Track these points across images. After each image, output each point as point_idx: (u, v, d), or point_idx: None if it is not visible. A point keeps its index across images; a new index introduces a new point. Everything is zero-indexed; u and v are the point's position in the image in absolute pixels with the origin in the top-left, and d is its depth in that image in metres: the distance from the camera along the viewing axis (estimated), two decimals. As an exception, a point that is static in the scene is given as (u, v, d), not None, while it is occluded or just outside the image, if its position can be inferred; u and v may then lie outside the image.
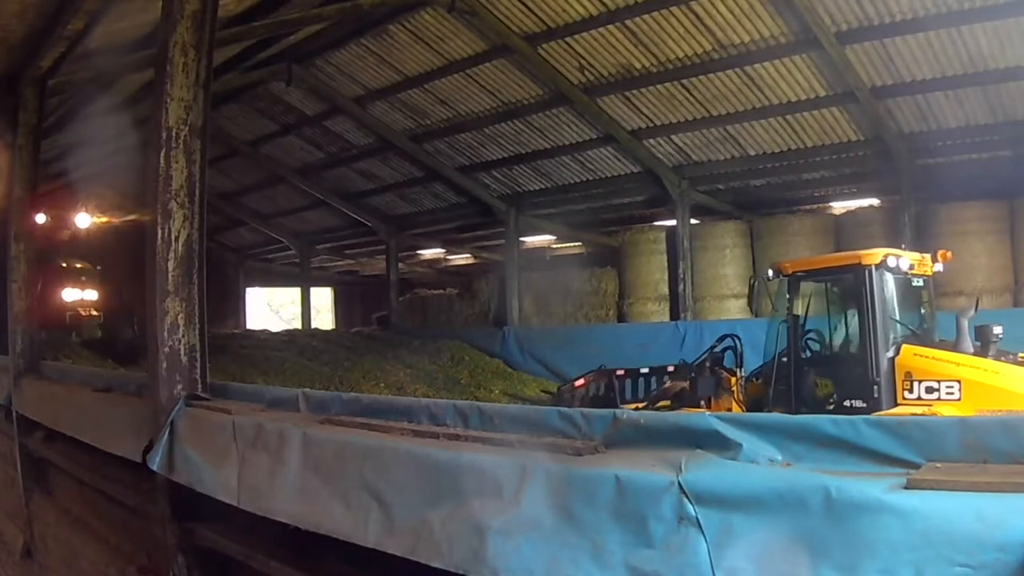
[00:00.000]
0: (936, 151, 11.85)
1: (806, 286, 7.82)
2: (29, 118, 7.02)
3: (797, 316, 7.62)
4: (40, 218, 8.96)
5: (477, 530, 1.81)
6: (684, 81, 12.33)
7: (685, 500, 1.52)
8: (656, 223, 16.15)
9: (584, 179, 15.89)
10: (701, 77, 12.09)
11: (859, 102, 11.43)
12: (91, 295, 15.04)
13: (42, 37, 6.64)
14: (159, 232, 3.49)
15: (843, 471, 1.51)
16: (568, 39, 12.22)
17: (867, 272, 7.08)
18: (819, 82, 11.51)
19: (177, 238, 3.51)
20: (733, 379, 8.11)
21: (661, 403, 8.42)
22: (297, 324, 24.75)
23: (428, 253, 23.84)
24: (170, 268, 3.50)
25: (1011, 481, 1.31)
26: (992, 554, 1.20)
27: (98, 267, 15.44)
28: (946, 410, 6.33)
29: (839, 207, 14.59)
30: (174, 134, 3.50)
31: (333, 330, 22.80)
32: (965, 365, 6.51)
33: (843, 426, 1.63)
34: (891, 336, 7.02)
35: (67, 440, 5.06)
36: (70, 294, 14.55)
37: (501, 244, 18.63)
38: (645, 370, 9.49)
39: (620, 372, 9.33)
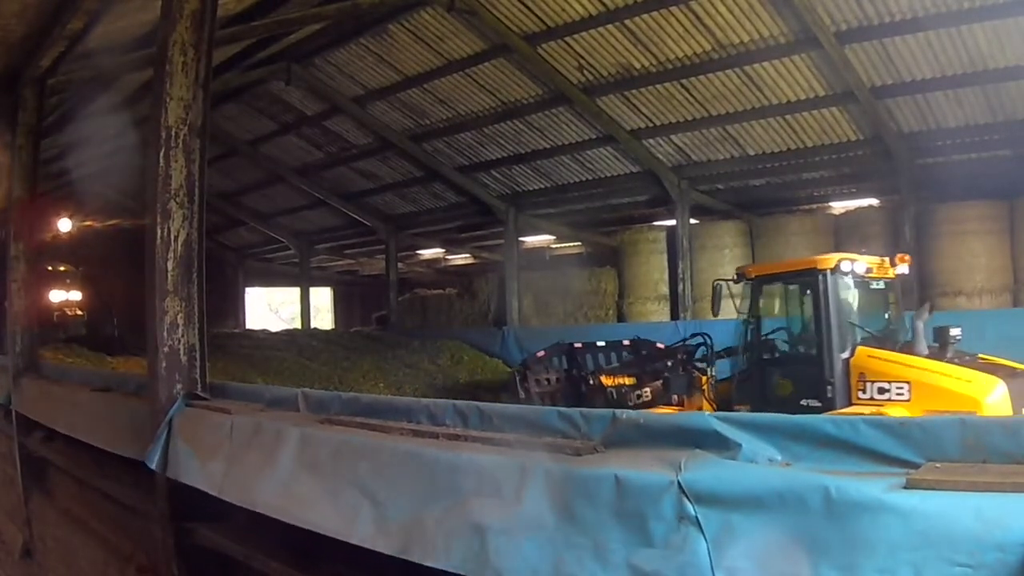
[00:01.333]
0: (936, 151, 11.86)
1: (768, 289, 8.09)
2: (28, 118, 7.01)
3: (760, 318, 7.91)
4: None
5: (477, 530, 1.81)
6: (684, 81, 12.34)
7: (685, 500, 1.52)
8: (656, 223, 16.16)
9: (583, 179, 15.90)
10: (701, 77, 12.10)
11: (859, 102, 11.43)
12: (75, 295, 16.04)
13: (41, 36, 6.63)
14: (158, 232, 3.49)
15: (843, 471, 1.51)
16: (568, 39, 12.22)
17: (821, 276, 7.28)
18: (819, 82, 11.52)
19: (176, 238, 3.50)
20: (704, 378, 8.44)
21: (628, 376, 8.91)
22: (297, 324, 24.75)
23: (428, 253, 23.84)
24: (169, 268, 3.49)
25: (1011, 481, 1.31)
26: (992, 554, 1.20)
27: (80, 269, 16.25)
28: (895, 411, 6.46)
29: (839, 207, 14.59)
30: (173, 133, 3.50)
31: (332, 330, 22.78)
32: (915, 367, 6.67)
33: (843, 426, 1.64)
34: (846, 338, 7.18)
35: (66, 440, 5.06)
36: (56, 295, 15.40)
37: (501, 244, 18.63)
38: (602, 343, 10.00)
39: (578, 345, 9.81)
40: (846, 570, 1.32)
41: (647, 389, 8.71)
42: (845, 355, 7.07)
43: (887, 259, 7.73)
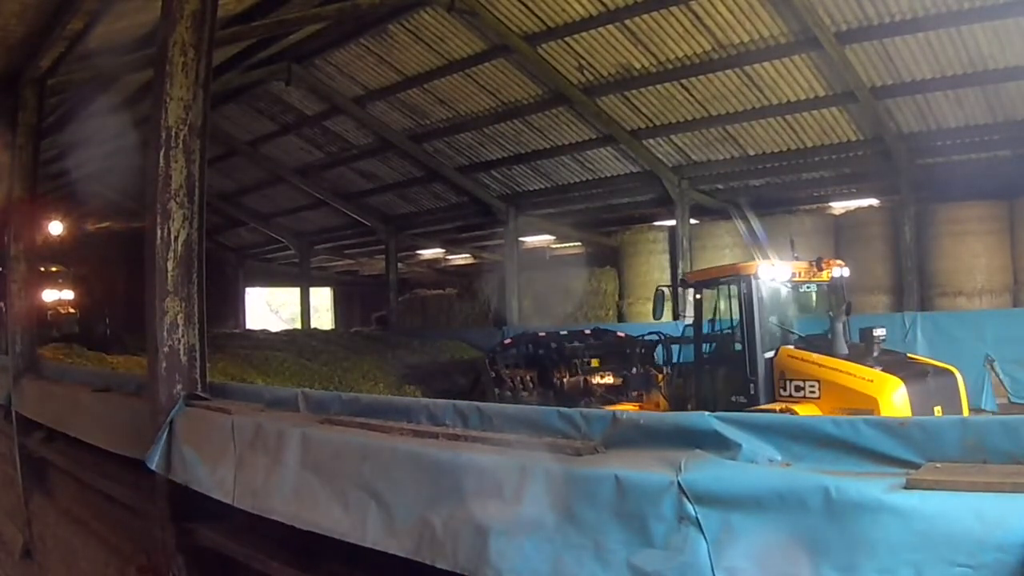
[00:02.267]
0: (936, 151, 11.85)
1: (707, 293, 8.47)
2: (28, 118, 7.01)
3: (701, 319, 8.34)
4: None
5: (479, 530, 1.81)
6: (684, 81, 12.33)
7: (685, 500, 1.52)
8: (656, 223, 16.15)
9: (584, 179, 15.90)
10: (701, 77, 12.09)
11: (859, 102, 11.42)
12: (67, 295, 16.24)
13: (42, 37, 6.63)
14: (158, 232, 3.49)
15: (843, 471, 1.51)
16: (568, 39, 12.21)
17: (744, 281, 7.64)
18: (819, 82, 11.51)
19: (176, 238, 3.50)
20: (660, 376, 9.16)
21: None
22: (297, 324, 24.75)
23: (428, 253, 23.83)
24: (169, 268, 3.49)
25: (1011, 481, 1.31)
26: (992, 554, 1.20)
27: (71, 269, 16.60)
28: (806, 407, 6.85)
29: (839, 207, 14.57)
30: (173, 134, 3.50)
31: (332, 330, 22.77)
32: (826, 367, 6.98)
33: (843, 426, 1.64)
34: (768, 338, 7.49)
35: (67, 440, 5.06)
36: (49, 295, 15.55)
37: (501, 244, 18.62)
38: (564, 332, 10.93)
39: (542, 334, 10.78)
40: (846, 570, 1.32)
41: (609, 374, 9.65)
42: (768, 355, 7.38)
43: (815, 264, 7.95)
